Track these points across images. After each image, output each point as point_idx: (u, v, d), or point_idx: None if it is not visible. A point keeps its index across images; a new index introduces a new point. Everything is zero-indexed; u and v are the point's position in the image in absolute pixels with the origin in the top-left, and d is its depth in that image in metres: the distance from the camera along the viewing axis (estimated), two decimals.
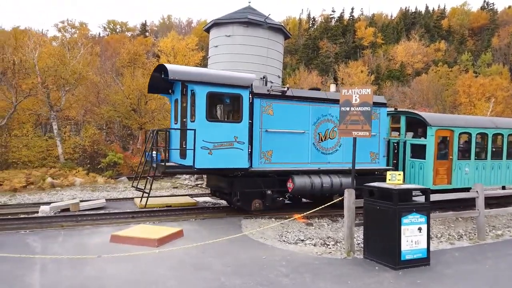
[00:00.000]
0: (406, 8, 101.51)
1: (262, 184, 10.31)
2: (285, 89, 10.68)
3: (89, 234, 8.04)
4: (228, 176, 10.18)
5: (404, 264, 6.32)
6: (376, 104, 11.38)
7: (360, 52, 71.42)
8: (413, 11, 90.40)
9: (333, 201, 9.55)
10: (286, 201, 11.52)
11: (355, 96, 8.48)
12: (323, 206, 9.01)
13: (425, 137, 11.83)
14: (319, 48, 72.51)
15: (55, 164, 19.33)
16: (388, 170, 11.91)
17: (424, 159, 11.91)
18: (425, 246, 6.53)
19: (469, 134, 12.54)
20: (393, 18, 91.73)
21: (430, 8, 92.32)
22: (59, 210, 10.50)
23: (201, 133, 9.22)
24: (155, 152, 10.51)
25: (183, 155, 9.91)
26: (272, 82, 20.01)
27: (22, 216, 9.92)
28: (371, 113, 8.37)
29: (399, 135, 12.87)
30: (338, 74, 58.15)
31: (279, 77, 21.00)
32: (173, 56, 33.17)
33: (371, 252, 6.78)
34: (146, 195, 10.11)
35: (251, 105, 9.98)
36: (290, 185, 10.32)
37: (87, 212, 10.36)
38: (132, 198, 12.81)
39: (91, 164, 20.35)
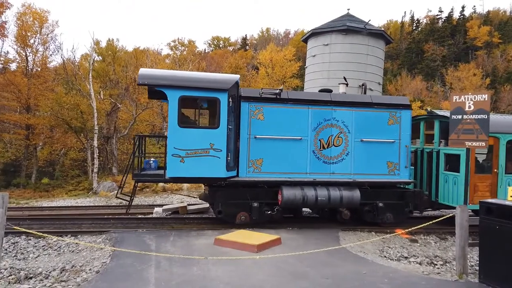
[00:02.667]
0: None
1: (249, 196, 9.55)
2: (277, 91, 9.83)
3: (196, 236, 8.66)
4: (212, 186, 9.60)
5: None
6: (394, 106, 10.28)
7: (473, 53, 64.71)
8: None
9: (443, 217, 8.78)
10: (286, 215, 10.51)
11: (469, 103, 7.72)
12: (431, 222, 8.34)
13: None
14: (423, 51, 67.65)
15: None
16: (409, 183, 10.42)
17: (458, 172, 10.06)
18: None
19: None
20: None
21: None
22: (169, 212, 11.53)
23: (173, 139, 8.73)
24: (153, 159, 10.35)
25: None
26: (371, 90, 19.35)
27: (139, 216, 11.13)
28: (488, 122, 7.53)
29: (430, 143, 10.95)
30: (446, 79, 53.48)
31: (379, 83, 20.20)
32: (271, 68, 34.10)
33: (488, 276, 6.06)
34: (130, 201, 9.74)
35: (237, 109, 9.44)
36: (280, 197, 9.48)
37: (193, 216, 11.19)
38: None
39: None
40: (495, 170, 10.20)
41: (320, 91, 11.44)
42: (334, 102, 10.05)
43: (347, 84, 11.94)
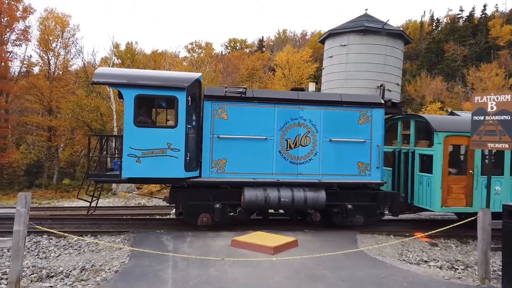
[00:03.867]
0: None
1: (211, 197, 9.28)
2: (241, 89, 9.56)
3: (213, 237, 8.70)
4: (173, 187, 9.36)
5: None
6: (365, 105, 9.91)
7: (495, 53, 63.10)
8: None
9: (464, 221, 8.57)
10: (253, 217, 10.25)
11: (491, 104, 7.52)
12: (452, 225, 8.15)
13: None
14: (444, 51, 66.36)
15: None
16: (381, 184, 9.96)
17: (432, 173, 9.63)
18: None
19: None
20: None
21: None
22: None
23: (128, 139, 8.51)
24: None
25: None
26: (390, 91, 19.04)
27: (157, 217, 11.25)
28: None
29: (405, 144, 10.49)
30: (467, 79, 52.30)
31: (398, 84, 19.85)
32: (288, 69, 34.05)
33: (511, 282, 5.88)
34: (94, 202, 9.45)
35: (200, 108, 9.26)
36: (242, 198, 9.25)
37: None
38: None
39: None
40: (470, 171, 9.70)
41: (292, 89, 11.05)
42: (301, 101, 9.78)
43: (316, 82, 11.57)
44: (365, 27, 18.71)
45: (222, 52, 78.45)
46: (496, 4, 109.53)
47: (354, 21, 20.28)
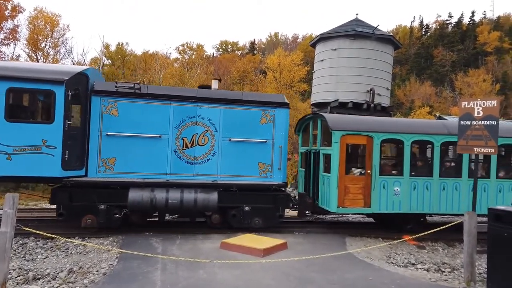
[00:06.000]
0: None
1: (96, 197, 8.79)
2: (133, 85, 9.17)
3: (202, 239, 8.68)
4: (57, 187, 8.83)
5: None
6: (268, 104, 9.67)
7: (483, 59, 64.19)
8: None
9: (451, 224, 8.70)
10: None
11: (478, 109, 7.66)
12: (439, 228, 8.26)
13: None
14: (433, 56, 67.33)
15: None
16: (283, 186, 9.70)
17: (330, 173, 9.41)
18: None
19: (401, 142, 9.71)
20: None
21: None
22: (177, 215, 11.50)
23: None
24: None
25: None
26: (379, 95, 19.27)
27: (146, 219, 11.15)
28: (497, 128, 7.46)
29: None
30: (455, 84, 53.09)
31: (387, 89, 20.12)
32: (279, 72, 34.18)
33: (496, 284, 5.98)
34: None
35: (87, 103, 8.86)
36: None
37: (199, 219, 11.17)
38: None
39: None
40: (368, 171, 9.51)
41: (199, 87, 10.80)
42: (200, 99, 9.44)
43: (220, 80, 11.28)
44: (356, 32, 18.95)
45: (213, 54, 78.39)
46: (484, 11, 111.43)
47: (345, 25, 20.52)
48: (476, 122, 7.71)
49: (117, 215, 8.91)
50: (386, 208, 9.53)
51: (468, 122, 7.85)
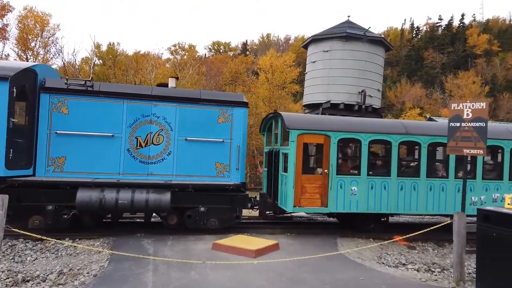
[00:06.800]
0: None
1: (44, 197, 8.49)
2: (84, 82, 8.94)
3: (194, 240, 8.65)
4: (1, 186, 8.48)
5: None
6: (226, 103, 9.51)
7: (472, 61, 65.09)
8: None
9: (442, 223, 8.80)
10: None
11: (467, 111, 7.77)
12: (429, 228, 8.35)
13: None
14: (423, 58, 68.08)
15: None
16: (241, 186, 9.53)
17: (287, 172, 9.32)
18: None
19: (358, 142, 9.69)
20: None
21: None
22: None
23: None
24: None
25: None
26: (371, 96, 19.42)
27: (138, 220, 11.10)
28: (486, 130, 7.57)
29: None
30: (445, 86, 53.72)
31: (378, 90, 20.29)
32: (271, 73, 34.25)
33: (485, 284, 6.06)
34: None
35: (35, 100, 8.64)
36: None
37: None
38: None
39: None
40: (326, 170, 9.43)
41: (158, 85, 10.58)
42: (154, 97, 9.25)
43: (177, 78, 11.17)
44: (347, 34, 19.09)
45: (205, 54, 78.31)
46: (474, 14, 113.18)
47: (337, 27, 20.66)
48: (466, 124, 7.82)
49: (66, 216, 8.63)
50: (343, 208, 9.50)
51: (458, 124, 7.95)
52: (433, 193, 9.90)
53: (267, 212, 10.73)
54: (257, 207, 10.53)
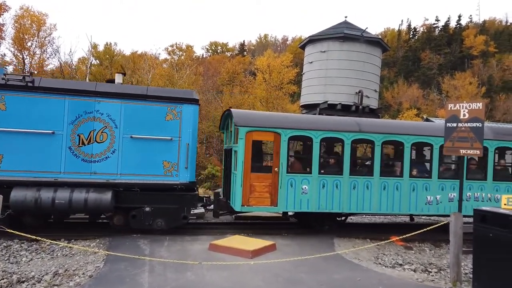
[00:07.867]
0: None
1: None
2: (22, 77, 8.63)
3: (190, 241, 8.62)
4: None
5: None
6: (174, 100, 9.20)
7: (469, 62, 65.33)
8: None
9: (438, 224, 8.80)
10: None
11: (464, 111, 7.77)
12: (426, 229, 8.35)
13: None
14: (420, 59, 68.27)
15: None
16: (189, 185, 9.26)
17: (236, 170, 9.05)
18: None
19: (309, 139, 9.48)
20: (508, 24, 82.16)
21: None
22: None
23: None
24: None
25: None
26: (368, 97, 19.45)
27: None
28: (483, 130, 7.58)
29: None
30: (442, 87, 53.90)
31: (375, 91, 20.31)
32: (269, 74, 34.25)
33: (481, 284, 6.07)
34: None
35: None
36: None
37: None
38: None
39: None
40: (276, 169, 9.19)
41: (107, 81, 10.33)
42: (98, 93, 8.91)
43: (124, 74, 10.92)
44: (345, 34, 19.09)
45: (203, 55, 78.20)
46: (470, 15, 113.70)
47: (334, 27, 20.67)
48: (462, 124, 7.82)
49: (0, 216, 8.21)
50: (293, 207, 9.30)
51: (454, 124, 7.96)
52: (387, 192, 9.68)
53: (221, 212, 10.42)
54: (211, 206, 10.28)
